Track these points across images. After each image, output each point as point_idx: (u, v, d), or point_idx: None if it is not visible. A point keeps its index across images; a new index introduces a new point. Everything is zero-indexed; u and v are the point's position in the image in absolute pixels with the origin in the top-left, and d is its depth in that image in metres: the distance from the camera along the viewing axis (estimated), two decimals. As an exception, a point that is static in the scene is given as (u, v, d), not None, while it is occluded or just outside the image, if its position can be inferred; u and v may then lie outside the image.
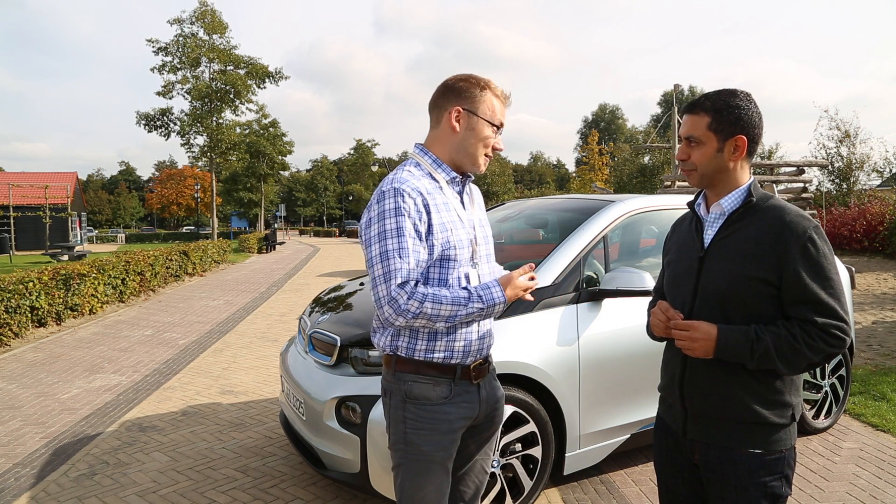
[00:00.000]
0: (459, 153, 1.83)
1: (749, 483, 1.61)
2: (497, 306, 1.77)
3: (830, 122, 20.64)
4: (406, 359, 1.82)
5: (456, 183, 1.87)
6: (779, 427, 1.63)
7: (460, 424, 1.84)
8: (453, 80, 1.86)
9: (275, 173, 41.98)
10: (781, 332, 1.55)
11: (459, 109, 1.81)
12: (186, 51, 25.44)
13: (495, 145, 1.86)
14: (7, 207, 25.04)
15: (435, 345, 1.80)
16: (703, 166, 1.68)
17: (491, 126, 1.83)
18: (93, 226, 65.61)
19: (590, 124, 73.53)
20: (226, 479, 3.59)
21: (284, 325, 8.56)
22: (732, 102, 1.65)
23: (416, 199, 1.71)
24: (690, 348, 1.61)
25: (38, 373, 6.06)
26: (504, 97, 1.87)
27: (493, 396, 1.96)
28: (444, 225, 1.76)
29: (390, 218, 1.69)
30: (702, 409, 1.68)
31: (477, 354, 1.87)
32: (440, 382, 1.81)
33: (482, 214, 1.98)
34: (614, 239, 3.63)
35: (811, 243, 1.56)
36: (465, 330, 1.83)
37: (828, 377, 4.14)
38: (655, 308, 1.74)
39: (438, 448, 1.80)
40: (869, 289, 10.23)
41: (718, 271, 1.65)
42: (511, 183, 42.68)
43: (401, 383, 1.83)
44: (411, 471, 1.81)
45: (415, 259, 1.70)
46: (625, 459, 3.67)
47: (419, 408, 1.80)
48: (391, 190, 1.71)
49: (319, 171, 76.93)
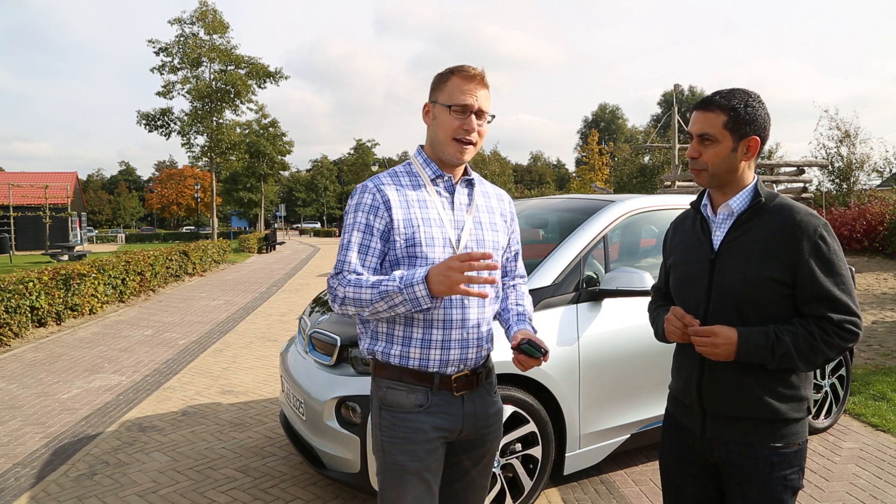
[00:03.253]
0: (434, 145, 1.79)
1: (771, 477, 1.63)
2: (415, 287, 1.57)
3: (830, 122, 20.64)
4: (383, 363, 1.77)
5: (444, 181, 1.81)
6: (796, 421, 1.65)
7: (436, 435, 1.74)
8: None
9: (275, 173, 41.99)
10: (799, 331, 1.57)
11: (428, 104, 1.81)
12: (187, 51, 25.47)
13: (465, 127, 1.72)
14: (7, 207, 25.04)
15: (409, 350, 1.73)
16: (716, 166, 1.66)
17: (448, 110, 1.72)
18: (93, 226, 65.61)
19: (590, 124, 73.46)
20: (226, 479, 3.59)
21: (284, 325, 8.56)
22: (748, 102, 1.64)
23: (376, 195, 1.73)
24: (712, 353, 1.61)
25: (38, 373, 6.06)
26: (471, 76, 1.72)
27: (484, 413, 1.83)
28: (409, 221, 1.72)
29: (350, 213, 1.77)
30: (721, 409, 1.69)
31: (460, 364, 1.76)
32: (415, 390, 1.73)
33: (486, 217, 1.86)
34: (614, 239, 3.63)
35: (822, 241, 1.57)
36: (441, 336, 1.73)
37: (828, 377, 4.14)
38: (670, 315, 1.71)
39: (412, 458, 1.71)
40: (869, 289, 10.22)
41: (732, 273, 1.65)
42: (511, 183, 42.60)
43: (378, 389, 1.78)
44: (389, 480, 1.74)
45: (359, 252, 1.72)
46: (625, 459, 3.67)
47: (393, 415, 1.74)
48: (358, 187, 1.79)
49: (319, 171, 76.93)
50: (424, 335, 1.73)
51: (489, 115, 1.78)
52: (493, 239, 1.85)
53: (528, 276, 3.20)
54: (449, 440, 1.79)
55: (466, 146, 1.75)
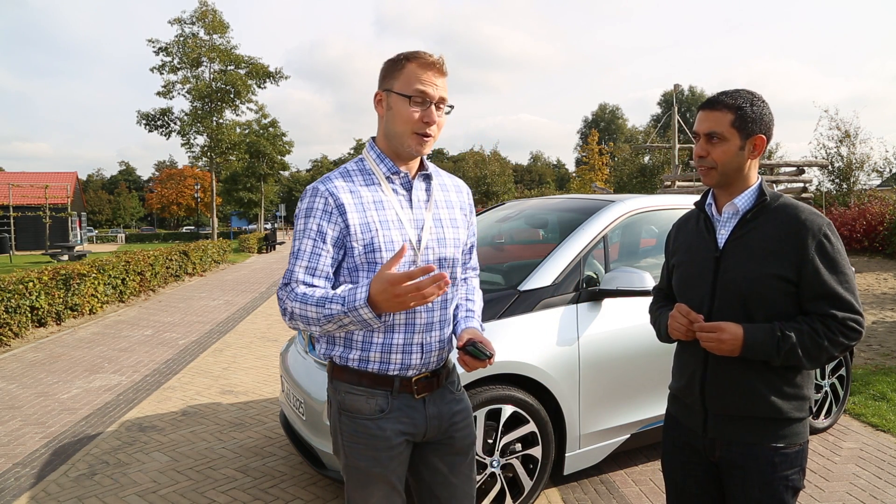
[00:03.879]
0: (390, 138, 1.65)
1: (773, 477, 1.64)
2: (359, 311, 1.49)
3: (830, 122, 20.68)
4: (341, 367, 1.69)
5: (400, 178, 1.68)
6: (798, 420, 1.66)
7: (399, 440, 1.67)
8: (384, 63, 1.67)
9: (275, 173, 42.00)
10: (804, 328, 1.58)
11: (380, 92, 1.65)
12: (187, 51, 25.48)
13: (424, 118, 1.60)
14: (7, 207, 25.05)
15: (369, 354, 1.65)
16: (725, 164, 1.67)
17: (406, 99, 1.59)
18: (93, 226, 65.61)
19: (590, 124, 73.49)
20: (226, 479, 3.59)
21: (284, 325, 8.55)
22: (753, 101, 1.66)
23: (329, 200, 1.60)
24: (718, 349, 1.62)
25: (38, 373, 6.06)
26: (430, 63, 1.60)
27: (449, 412, 1.75)
28: (367, 225, 1.60)
29: (300, 219, 1.64)
30: (723, 408, 1.69)
31: (422, 367, 1.69)
32: (375, 395, 1.65)
33: (445, 213, 1.75)
34: (614, 239, 3.63)
35: (827, 239, 1.60)
36: (402, 340, 1.65)
37: (828, 377, 4.14)
38: (674, 311, 1.72)
39: (375, 464, 1.65)
40: (869, 289, 10.23)
41: (738, 271, 1.66)
42: (511, 183, 42.52)
43: (336, 392, 1.71)
44: (353, 483, 1.69)
45: (309, 261, 1.60)
46: (625, 459, 3.67)
47: (352, 421, 1.67)
48: (309, 189, 1.64)
49: (319, 170, 76.99)
50: (385, 339, 1.65)
51: (448, 106, 1.66)
52: (453, 237, 1.75)
53: (529, 276, 3.21)
54: (415, 441, 1.73)
55: (426, 139, 1.62)
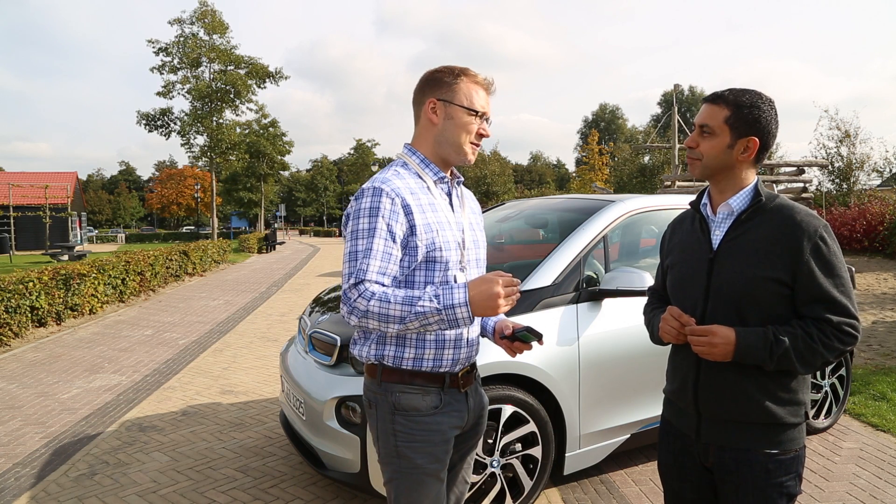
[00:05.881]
0: (442, 145, 1.75)
1: (766, 484, 1.61)
2: (457, 309, 1.55)
3: (830, 122, 20.65)
4: (393, 368, 1.73)
5: (444, 183, 1.80)
6: (793, 426, 1.63)
7: (453, 434, 1.77)
8: (429, 72, 1.79)
9: (275, 173, 42.01)
10: (798, 332, 1.55)
11: (435, 100, 1.74)
12: (186, 51, 25.49)
13: (481, 131, 1.77)
14: (7, 207, 25.07)
15: (424, 353, 1.71)
16: (710, 158, 1.66)
17: (469, 113, 1.73)
18: (93, 226, 65.66)
19: (590, 124, 73.45)
20: (226, 479, 3.59)
21: (284, 325, 8.56)
22: (755, 103, 1.63)
23: (396, 200, 1.64)
24: (710, 353, 1.59)
25: (38, 373, 6.06)
26: (484, 84, 1.78)
27: (480, 404, 1.90)
28: (429, 226, 1.68)
29: (364, 217, 1.63)
30: (717, 413, 1.67)
31: (465, 362, 1.79)
32: (429, 392, 1.73)
33: (474, 218, 1.90)
34: (614, 239, 3.63)
35: (822, 242, 1.56)
36: (454, 336, 1.74)
37: (828, 377, 4.14)
38: (666, 314, 1.69)
39: (433, 460, 1.72)
40: (869, 289, 10.22)
41: (732, 272, 1.63)
42: (511, 183, 42.48)
43: (388, 394, 1.73)
44: (405, 485, 1.72)
45: (381, 260, 1.61)
46: (625, 459, 3.67)
47: (409, 419, 1.71)
48: (370, 189, 1.65)
49: (319, 171, 76.91)
50: (438, 336, 1.72)
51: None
52: (483, 239, 1.91)
53: (529, 276, 3.21)
54: (457, 436, 1.82)
55: (476, 149, 1.80)
